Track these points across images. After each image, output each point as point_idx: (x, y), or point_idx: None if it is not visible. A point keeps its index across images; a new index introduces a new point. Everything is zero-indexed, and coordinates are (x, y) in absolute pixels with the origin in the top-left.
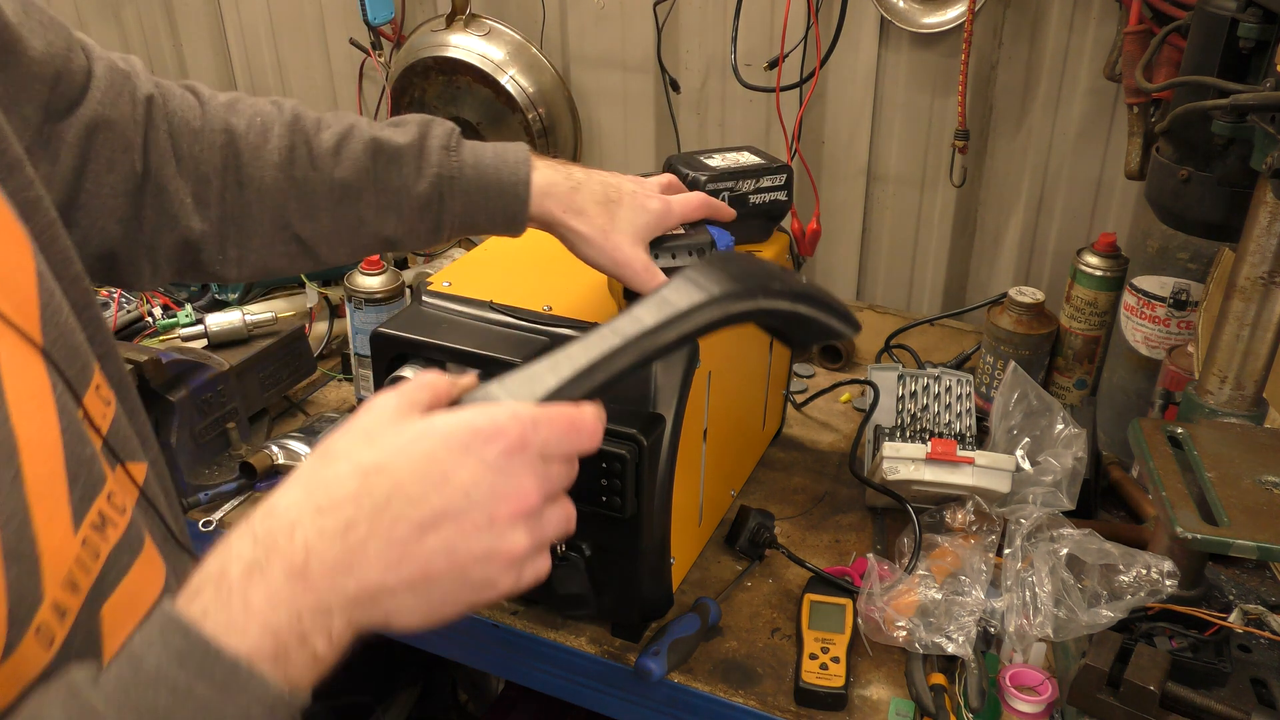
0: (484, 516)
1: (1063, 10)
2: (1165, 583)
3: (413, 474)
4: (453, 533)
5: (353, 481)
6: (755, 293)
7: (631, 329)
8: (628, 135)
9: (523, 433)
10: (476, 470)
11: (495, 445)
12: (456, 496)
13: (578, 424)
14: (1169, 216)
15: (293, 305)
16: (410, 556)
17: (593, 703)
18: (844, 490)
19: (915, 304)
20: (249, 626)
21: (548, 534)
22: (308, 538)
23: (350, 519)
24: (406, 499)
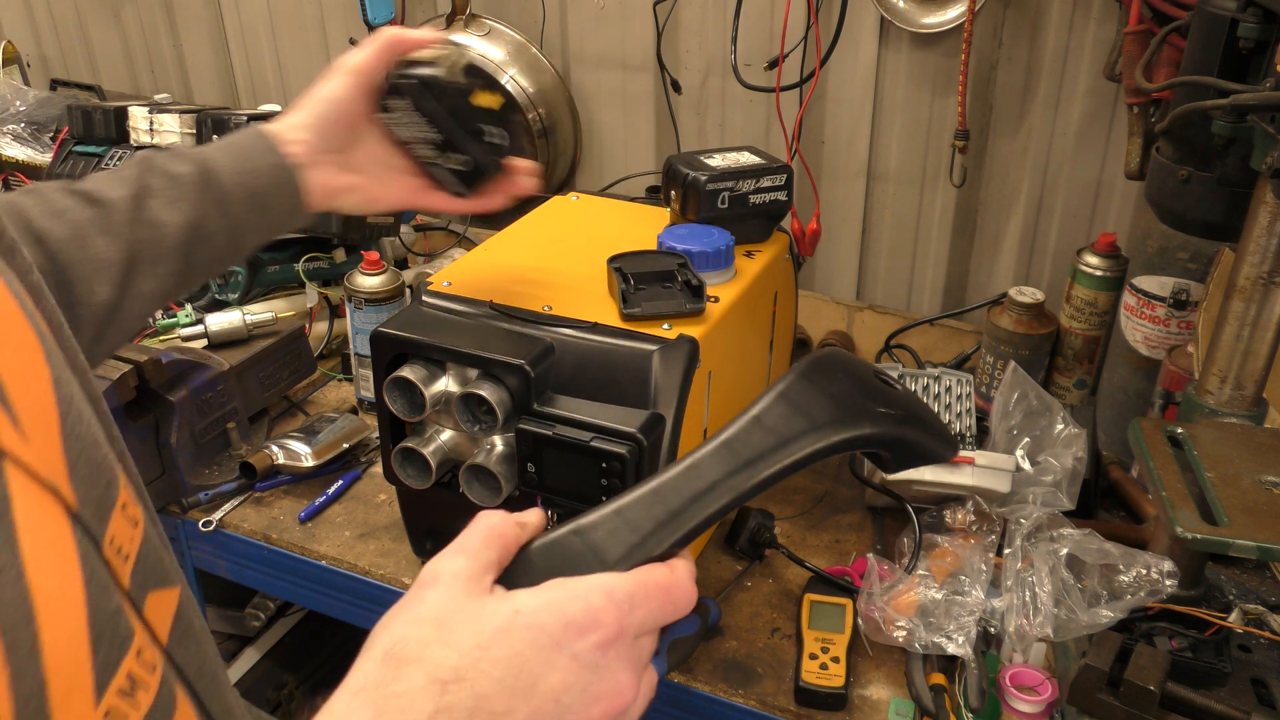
0: (589, 696)
1: (1063, 10)
2: (1165, 583)
3: (498, 683)
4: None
5: (429, 698)
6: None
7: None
8: (628, 135)
9: (619, 622)
10: (569, 670)
11: (590, 638)
12: (546, 704)
13: (673, 594)
14: (1169, 216)
15: (293, 305)
16: None
17: None
18: (844, 490)
19: (915, 304)
20: None
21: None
22: None
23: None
24: (490, 715)
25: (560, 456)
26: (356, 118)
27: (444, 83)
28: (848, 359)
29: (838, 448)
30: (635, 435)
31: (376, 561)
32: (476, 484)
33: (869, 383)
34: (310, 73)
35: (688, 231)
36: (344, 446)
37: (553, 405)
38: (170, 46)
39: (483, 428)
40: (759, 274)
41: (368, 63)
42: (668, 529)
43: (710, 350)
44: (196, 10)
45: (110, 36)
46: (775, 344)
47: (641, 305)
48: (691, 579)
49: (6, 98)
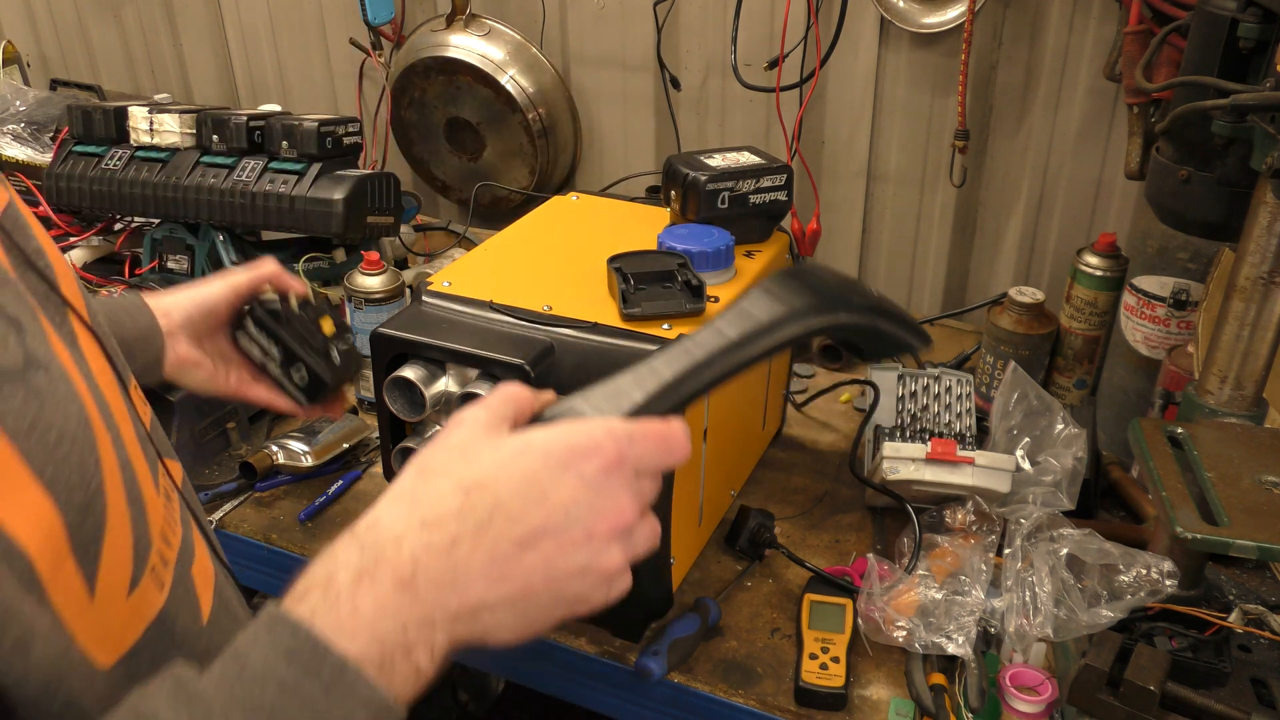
0: (582, 533)
1: (1063, 10)
2: (1165, 583)
3: (513, 491)
4: (551, 549)
5: (455, 498)
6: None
7: (714, 343)
8: (628, 135)
9: (619, 450)
10: (576, 488)
11: (593, 462)
12: (556, 513)
13: (669, 441)
14: (1169, 216)
15: None
16: (511, 574)
17: (593, 703)
18: (844, 490)
19: (915, 304)
20: (358, 631)
21: (639, 550)
22: (415, 551)
23: (455, 535)
24: (508, 516)
25: None
26: (219, 319)
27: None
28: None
29: (817, 331)
30: None
31: None
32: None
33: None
34: (310, 73)
35: (688, 231)
36: (344, 446)
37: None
38: (170, 46)
39: None
40: (759, 274)
41: (244, 284)
42: (662, 397)
43: None
44: (196, 10)
45: (110, 36)
46: None
47: (641, 305)
48: (686, 436)
49: (6, 98)
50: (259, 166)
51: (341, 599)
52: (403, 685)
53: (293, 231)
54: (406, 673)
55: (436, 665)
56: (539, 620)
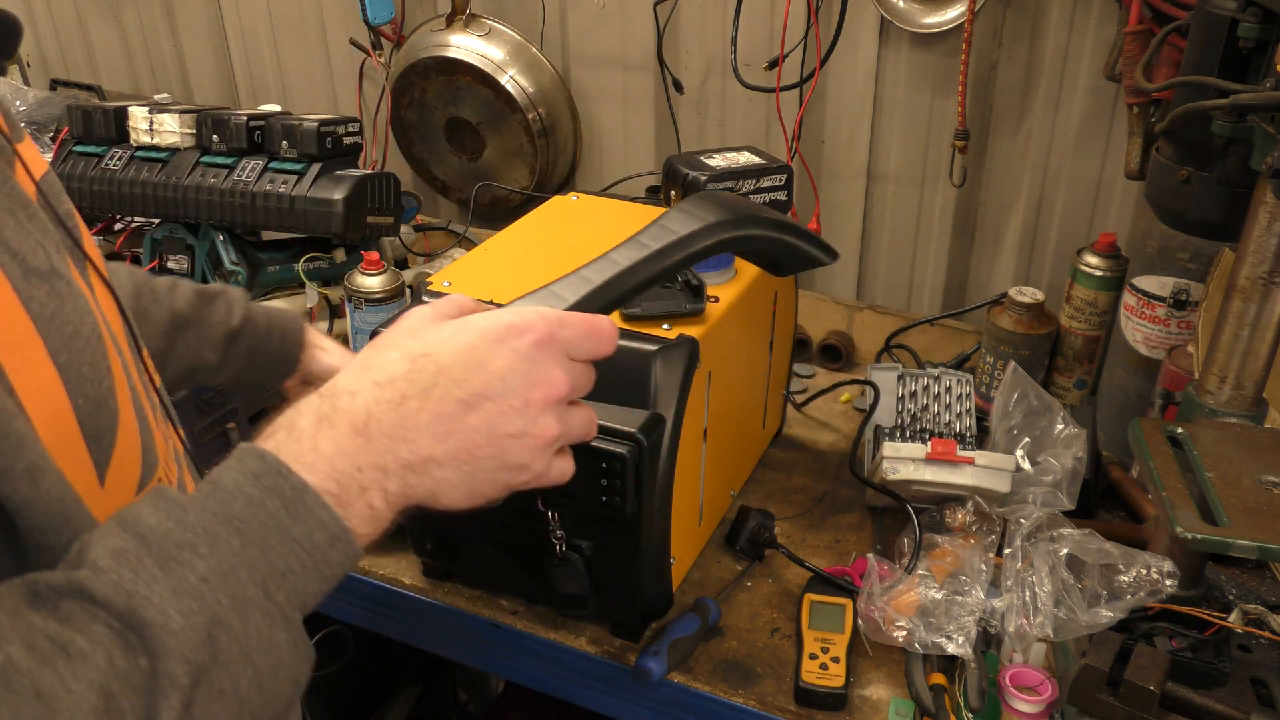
0: (519, 400)
1: (1063, 10)
2: (1165, 583)
3: (455, 359)
4: (492, 411)
5: (404, 364)
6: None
7: (637, 254)
8: (627, 135)
9: (550, 329)
10: (511, 359)
11: (526, 338)
12: (494, 380)
13: (597, 329)
14: (1169, 216)
15: (293, 305)
16: (455, 431)
17: (593, 703)
18: (844, 490)
19: (915, 304)
20: (317, 464)
21: (573, 429)
22: (368, 403)
23: (404, 393)
24: (451, 380)
25: None
26: None
27: None
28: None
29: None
30: (635, 435)
31: (376, 561)
32: None
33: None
34: (310, 73)
35: None
36: None
37: None
38: (170, 46)
39: None
40: (759, 274)
41: None
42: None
43: (710, 350)
44: (196, 10)
45: (110, 36)
46: (775, 344)
47: (641, 305)
48: (614, 329)
49: (6, 98)
50: (259, 166)
51: (304, 438)
52: (358, 521)
53: (293, 231)
54: (361, 510)
55: (391, 510)
56: (484, 482)
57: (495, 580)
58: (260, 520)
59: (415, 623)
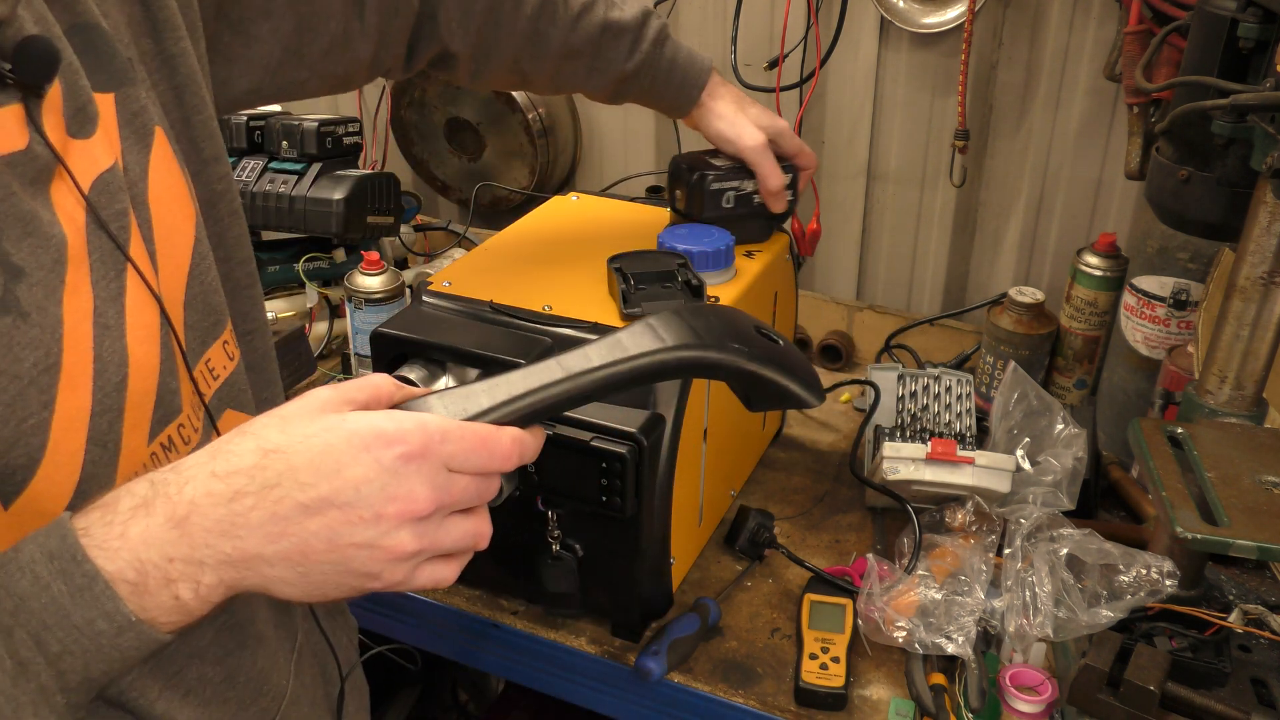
0: (370, 512)
1: (1063, 10)
2: (1165, 583)
3: (308, 461)
4: (336, 520)
5: (252, 457)
6: (711, 348)
7: (576, 365)
8: (627, 135)
9: (426, 442)
10: (371, 469)
11: (394, 450)
12: (346, 489)
13: (490, 444)
14: (1169, 216)
15: (293, 305)
16: (289, 534)
17: (592, 703)
18: (844, 490)
19: (915, 304)
20: (119, 552)
21: (443, 543)
22: (195, 495)
23: (240, 488)
24: (296, 482)
25: (560, 456)
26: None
27: None
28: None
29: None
30: (635, 435)
31: None
32: None
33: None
34: None
35: (688, 231)
36: None
37: None
38: None
39: None
40: (759, 274)
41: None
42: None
43: None
44: None
45: None
46: None
47: (641, 305)
48: (516, 444)
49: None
50: (259, 166)
51: (115, 522)
52: (158, 611)
53: (293, 231)
54: (164, 601)
55: (205, 603)
56: (325, 584)
57: (495, 580)
58: (43, 601)
59: (415, 623)
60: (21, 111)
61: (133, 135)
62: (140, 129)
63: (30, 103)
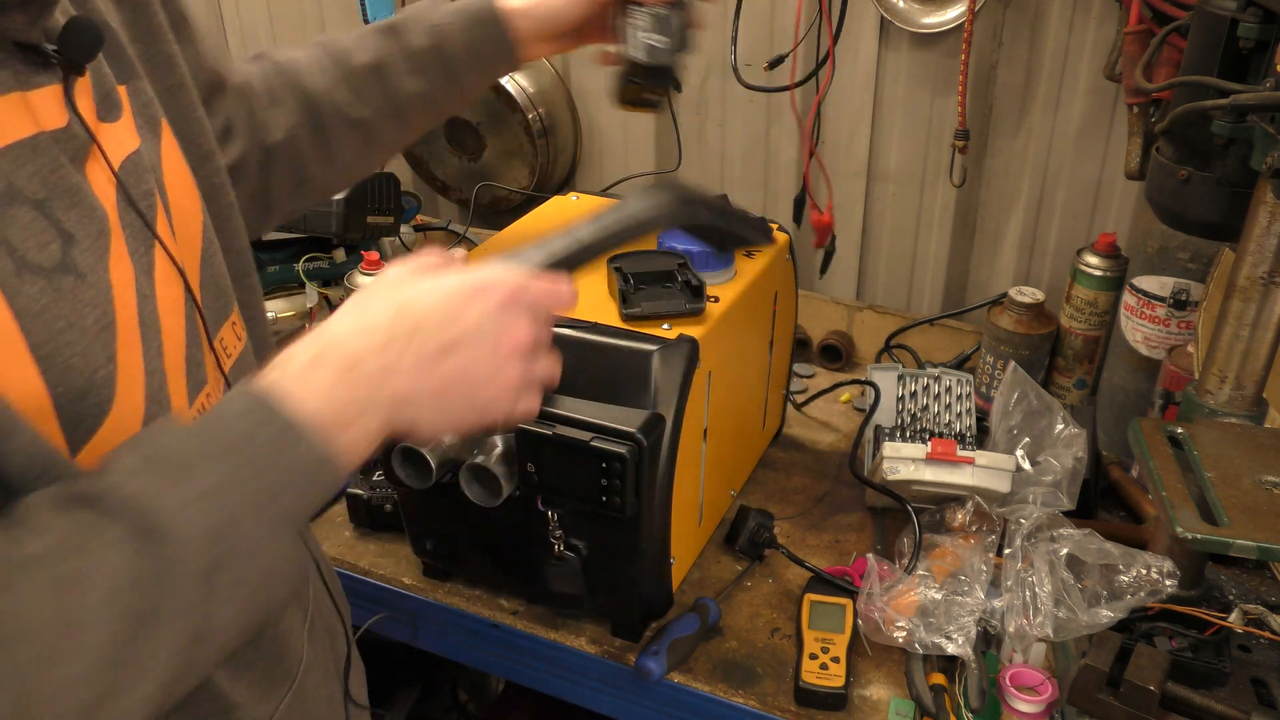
0: (489, 348)
1: (1063, 10)
2: (1165, 583)
3: (434, 310)
4: (466, 358)
5: (389, 312)
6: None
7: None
8: (627, 135)
9: (516, 288)
10: (482, 313)
11: (496, 295)
12: (469, 330)
13: (558, 290)
14: (1169, 216)
15: (293, 305)
16: (432, 374)
17: (592, 703)
18: (844, 490)
19: (915, 304)
20: (306, 400)
21: (535, 375)
22: (356, 348)
23: (388, 339)
24: (429, 330)
25: (560, 456)
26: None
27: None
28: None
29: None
30: (635, 435)
31: (376, 561)
32: (476, 484)
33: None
34: None
35: None
36: None
37: (553, 405)
38: None
39: None
40: (759, 274)
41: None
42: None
43: (710, 350)
44: (196, 10)
45: None
46: (775, 344)
47: (641, 305)
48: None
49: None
50: None
51: (297, 377)
52: (342, 450)
53: (293, 231)
54: (345, 442)
55: (370, 445)
56: (456, 418)
57: (495, 580)
58: (253, 448)
59: (415, 623)
60: (61, 92)
61: (145, 125)
62: (151, 120)
63: (69, 83)
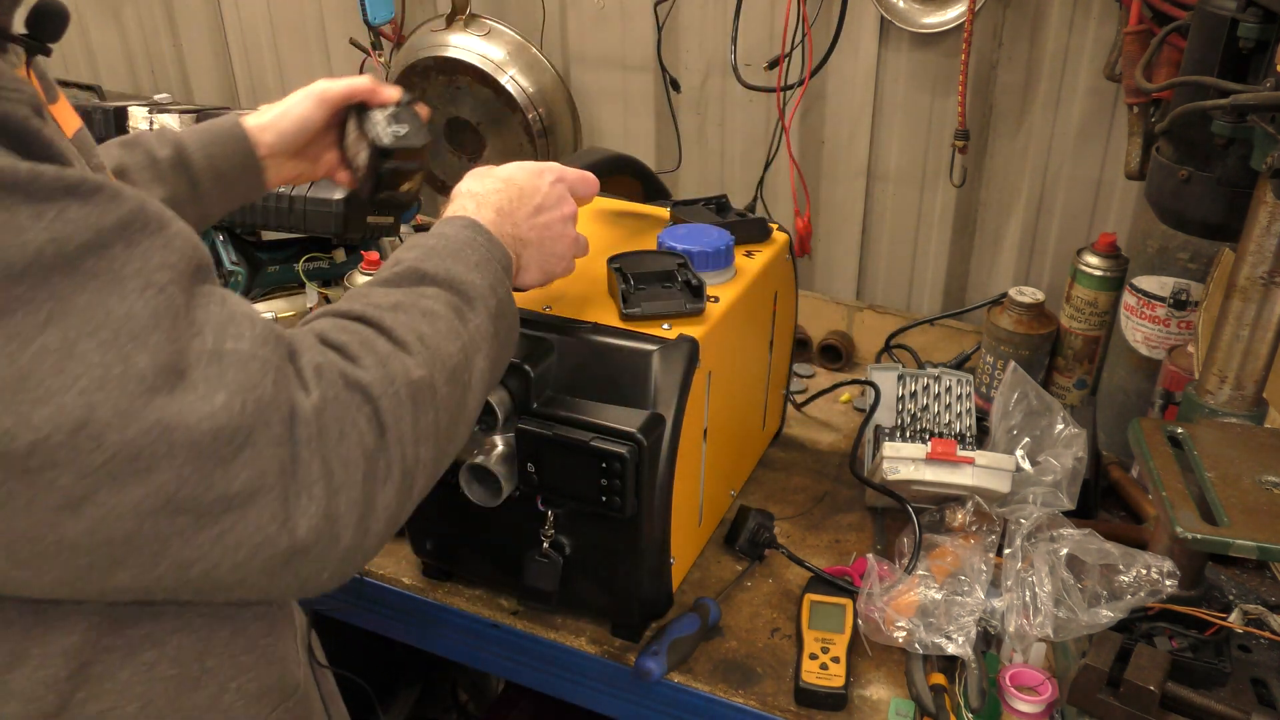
0: (559, 212)
1: (1063, 10)
2: (1165, 583)
3: (525, 183)
4: (549, 216)
5: (499, 184)
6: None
7: None
8: (627, 135)
9: (562, 173)
10: (548, 186)
11: (551, 175)
12: (549, 197)
13: (587, 177)
14: (1169, 216)
15: (293, 305)
16: (536, 224)
17: (592, 703)
18: (844, 490)
19: (915, 304)
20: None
21: (580, 242)
22: (495, 201)
23: (509, 199)
24: (525, 194)
25: (560, 456)
26: (316, 134)
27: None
28: None
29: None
30: (635, 435)
31: (376, 561)
32: (476, 484)
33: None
34: (310, 73)
35: (687, 231)
36: None
37: (553, 405)
38: (170, 46)
39: (483, 427)
40: (759, 274)
41: (337, 95)
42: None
43: (710, 350)
44: (196, 10)
45: (110, 36)
46: (775, 344)
47: (641, 305)
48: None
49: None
50: None
51: (475, 211)
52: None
53: (293, 231)
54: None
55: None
56: (545, 265)
57: (495, 580)
58: (479, 245)
59: (415, 623)
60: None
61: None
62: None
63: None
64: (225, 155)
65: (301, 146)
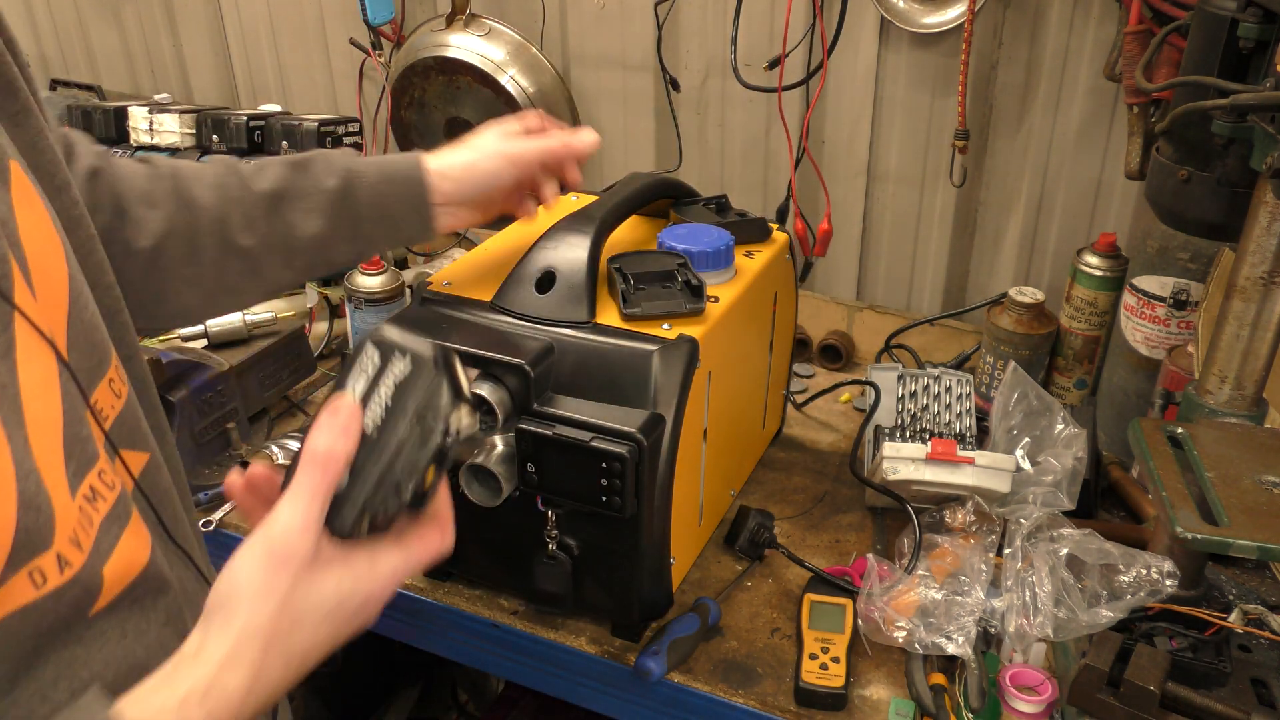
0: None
1: (1063, 10)
2: (1165, 583)
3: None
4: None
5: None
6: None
7: None
8: (628, 135)
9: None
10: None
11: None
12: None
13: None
14: (1169, 216)
15: (293, 305)
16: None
17: (592, 703)
18: (844, 490)
19: (915, 304)
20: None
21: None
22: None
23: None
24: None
25: (560, 456)
26: (499, 191)
27: None
28: None
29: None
30: (635, 435)
31: None
32: (476, 484)
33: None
34: (310, 73)
35: (688, 231)
36: None
37: (553, 405)
38: (170, 46)
39: (483, 427)
40: (759, 274)
41: (531, 158)
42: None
43: (710, 350)
44: (196, 10)
45: (110, 36)
46: (775, 344)
47: (641, 305)
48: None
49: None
50: None
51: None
52: None
53: None
54: None
55: None
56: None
57: (495, 580)
58: None
59: (415, 623)
60: None
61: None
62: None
63: None
64: (397, 196)
65: (480, 200)
